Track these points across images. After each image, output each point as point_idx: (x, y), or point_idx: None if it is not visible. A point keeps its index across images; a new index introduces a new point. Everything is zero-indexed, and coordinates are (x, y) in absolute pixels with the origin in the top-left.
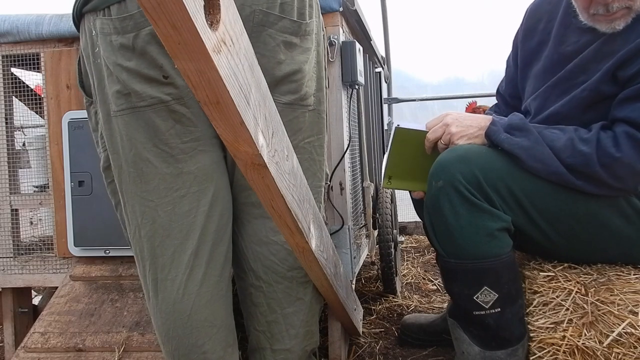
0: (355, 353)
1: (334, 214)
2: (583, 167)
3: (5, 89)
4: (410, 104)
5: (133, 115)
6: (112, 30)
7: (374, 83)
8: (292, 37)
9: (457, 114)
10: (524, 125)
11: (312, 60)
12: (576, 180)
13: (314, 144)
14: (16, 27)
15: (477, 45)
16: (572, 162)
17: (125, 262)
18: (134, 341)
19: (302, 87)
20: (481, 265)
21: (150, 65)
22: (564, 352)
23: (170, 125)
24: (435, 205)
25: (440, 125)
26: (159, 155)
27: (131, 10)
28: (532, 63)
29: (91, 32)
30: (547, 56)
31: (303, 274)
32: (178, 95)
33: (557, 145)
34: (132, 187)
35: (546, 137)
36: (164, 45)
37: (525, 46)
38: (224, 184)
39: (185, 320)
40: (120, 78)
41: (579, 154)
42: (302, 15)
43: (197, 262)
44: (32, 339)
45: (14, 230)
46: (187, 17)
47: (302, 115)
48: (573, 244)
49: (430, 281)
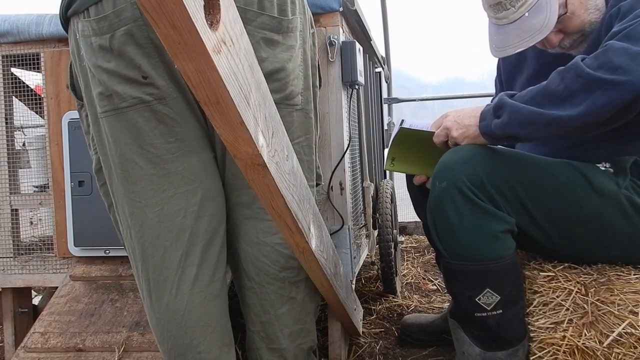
0: (355, 353)
1: (334, 214)
2: (576, 79)
3: (5, 89)
4: (410, 104)
5: (116, 116)
6: (91, 32)
7: (374, 83)
8: (273, 34)
9: (455, 114)
10: (501, 101)
11: (297, 58)
12: (576, 109)
13: (302, 144)
14: (16, 27)
15: (477, 45)
16: (564, 86)
17: (125, 262)
18: (134, 341)
19: (287, 85)
20: (484, 267)
21: (129, 66)
22: (564, 352)
23: (154, 126)
24: (438, 206)
25: (442, 129)
26: (144, 156)
27: (106, 11)
28: (515, 76)
29: (76, 35)
30: (529, 67)
31: (295, 274)
32: (159, 95)
33: (543, 84)
34: (121, 189)
35: (529, 92)
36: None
37: (505, 63)
38: (215, 184)
39: (180, 320)
40: (101, 79)
41: (566, 71)
42: (284, 11)
43: (188, 263)
44: (32, 339)
45: (14, 230)
46: (187, 17)
47: (290, 115)
48: (575, 245)
49: (430, 281)
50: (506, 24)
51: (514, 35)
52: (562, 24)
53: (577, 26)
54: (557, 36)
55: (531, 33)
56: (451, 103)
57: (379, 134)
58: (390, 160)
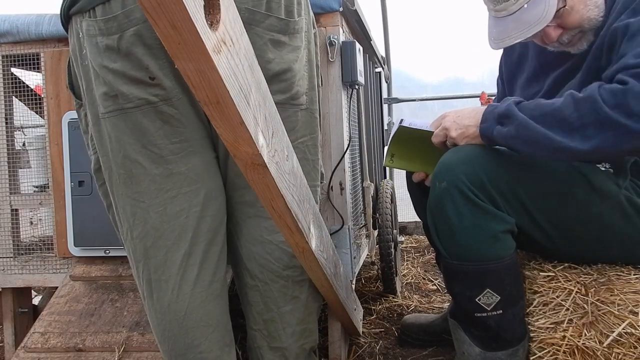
0: (355, 353)
1: (334, 214)
2: (590, 114)
3: (5, 89)
4: (410, 104)
5: (121, 117)
6: (97, 32)
7: (374, 83)
8: (280, 36)
9: (454, 114)
10: (509, 111)
11: (302, 59)
12: (586, 143)
13: (307, 143)
14: (16, 27)
15: (477, 45)
16: (578, 116)
17: (125, 262)
18: (134, 341)
19: (292, 86)
20: (484, 267)
21: (136, 67)
22: (564, 352)
23: (159, 127)
24: (438, 206)
25: (440, 129)
26: (148, 156)
27: (115, 12)
28: (516, 76)
29: (78, 34)
30: (530, 65)
31: (299, 273)
32: (165, 96)
33: (556, 105)
34: (123, 189)
35: (539, 108)
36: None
37: (507, 62)
38: (217, 184)
39: (181, 320)
40: (107, 80)
41: (582, 102)
42: (290, 13)
43: (190, 263)
44: (32, 339)
45: (14, 230)
46: (187, 17)
47: (295, 115)
48: (575, 245)
49: (430, 281)
50: (505, 15)
51: (513, 27)
52: (561, 18)
53: (575, 21)
54: (556, 31)
55: (529, 25)
56: (451, 103)
57: (379, 134)
58: (390, 157)
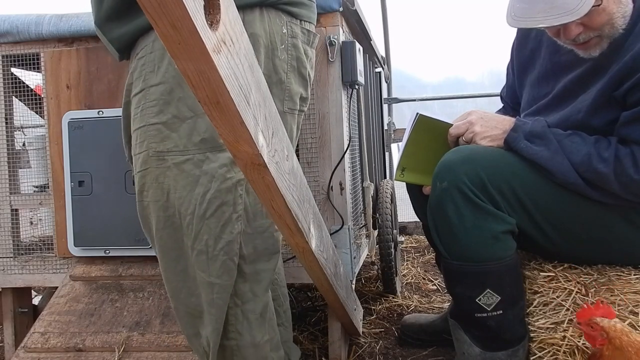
0: (355, 353)
1: (334, 214)
2: (599, 182)
3: (5, 89)
4: (410, 104)
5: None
6: (305, 40)
7: (374, 83)
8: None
9: (482, 112)
10: (544, 134)
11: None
12: (593, 192)
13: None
14: (16, 27)
15: (477, 45)
16: (588, 177)
17: (125, 262)
18: (134, 341)
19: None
20: (484, 267)
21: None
22: (564, 352)
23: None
24: (439, 206)
25: (464, 122)
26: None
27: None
28: (527, 70)
29: (292, 29)
30: (542, 64)
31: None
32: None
33: (574, 160)
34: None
35: (565, 147)
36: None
37: (519, 54)
38: None
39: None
40: (302, 83)
41: (595, 172)
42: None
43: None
44: (32, 339)
45: (14, 230)
46: (187, 17)
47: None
48: (576, 246)
49: (430, 281)
50: None
51: (541, 8)
52: (589, 16)
53: (601, 22)
54: (578, 28)
55: (560, 12)
56: (451, 103)
57: (379, 134)
58: (400, 171)
